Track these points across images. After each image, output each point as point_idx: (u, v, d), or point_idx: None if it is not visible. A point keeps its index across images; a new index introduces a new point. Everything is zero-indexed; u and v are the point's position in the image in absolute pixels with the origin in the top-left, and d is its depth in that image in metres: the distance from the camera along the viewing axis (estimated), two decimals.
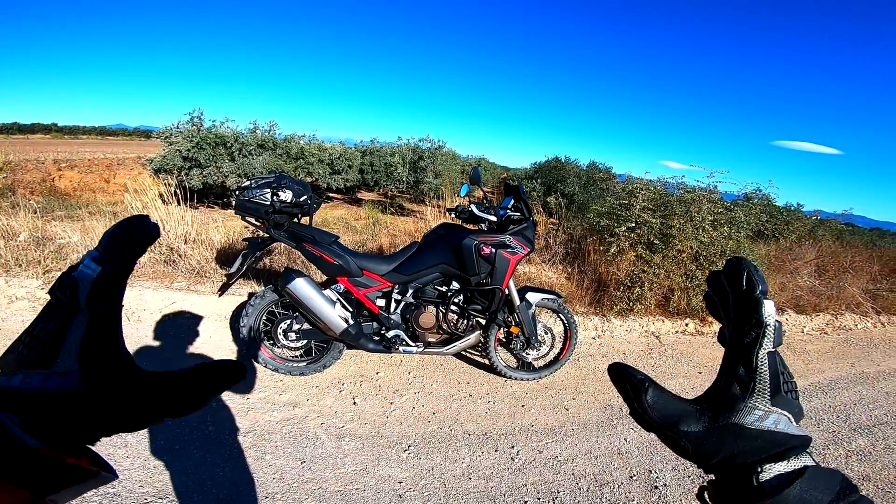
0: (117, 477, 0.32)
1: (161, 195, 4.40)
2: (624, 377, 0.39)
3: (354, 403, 2.70)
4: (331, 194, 12.17)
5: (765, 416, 0.34)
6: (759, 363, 0.35)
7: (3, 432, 0.26)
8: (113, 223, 0.35)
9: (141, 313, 3.34)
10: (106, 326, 0.33)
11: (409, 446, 2.38)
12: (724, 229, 4.43)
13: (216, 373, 0.36)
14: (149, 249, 2.88)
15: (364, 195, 13.54)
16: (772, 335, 0.36)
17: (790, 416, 0.36)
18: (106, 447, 2.07)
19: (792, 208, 9.22)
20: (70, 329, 0.31)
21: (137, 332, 3.15)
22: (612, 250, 4.45)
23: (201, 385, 0.35)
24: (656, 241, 4.35)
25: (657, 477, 2.35)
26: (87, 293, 0.31)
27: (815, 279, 6.06)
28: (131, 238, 0.34)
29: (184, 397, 0.34)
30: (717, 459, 0.36)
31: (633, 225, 4.44)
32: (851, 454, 2.75)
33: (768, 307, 0.36)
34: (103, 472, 0.31)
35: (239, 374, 0.36)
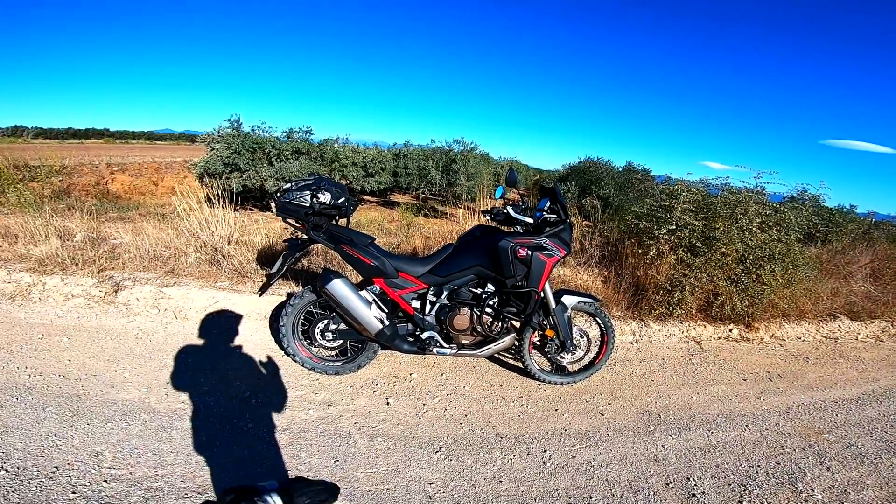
0: None
1: (207, 198, 4.57)
2: None
3: (388, 404, 2.73)
4: (364, 197, 12.36)
5: None
6: None
7: None
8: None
9: (187, 311, 3.49)
10: None
11: (440, 448, 2.39)
12: (773, 231, 4.25)
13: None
14: (195, 249, 3.00)
15: (397, 197, 13.69)
16: None
17: None
18: (152, 441, 2.18)
19: (844, 210, 8.75)
20: None
21: (184, 329, 3.29)
22: (651, 253, 4.34)
23: None
24: (698, 244, 4.21)
25: (695, 485, 2.28)
26: None
27: (870, 284, 5.74)
28: None
29: None
30: None
31: (674, 227, 4.31)
32: None
33: None
34: None
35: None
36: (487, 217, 3.09)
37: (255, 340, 3.25)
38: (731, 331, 4.28)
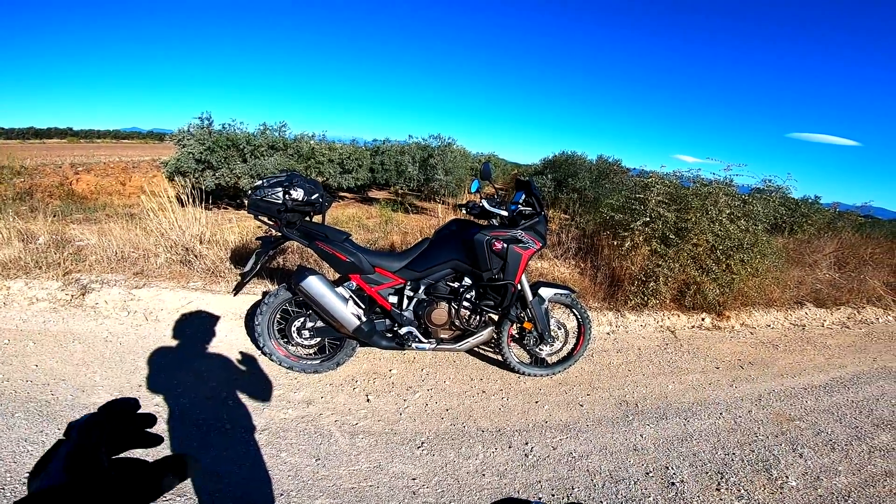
0: None
1: (177, 197, 4.45)
2: None
3: (368, 400, 2.71)
4: (342, 193, 12.24)
5: None
6: None
7: None
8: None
9: (159, 313, 3.39)
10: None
11: (422, 443, 2.39)
12: (742, 222, 4.36)
13: (172, 466, 0.43)
14: (165, 250, 2.92)
15: (375, 194, 13.60)
16: None
17: None
18: None
19: (810, 200, 9.05)
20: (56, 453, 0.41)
21: (156, 331, 3.19)
22: (626, 245, 4.41)
23: (149, 483, 0.42)
24: (671, 235, 4.29)
25: (674, 473, 2.32)
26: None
27: (834, 272, 5.94)
28: (104, 430, 0.44)
29: (144, 491, 0.41)
30: None
31: (648, 219, 4.39)
32: (875, 450, 2.70)
33: None
34: None
35: (181, 470, 0.44)
36: (463, 211, 3.09)
37: (230, 341, 3.18)
38: (703, 320, 4.38)
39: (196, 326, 3.29)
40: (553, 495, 2.12)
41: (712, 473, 2.35)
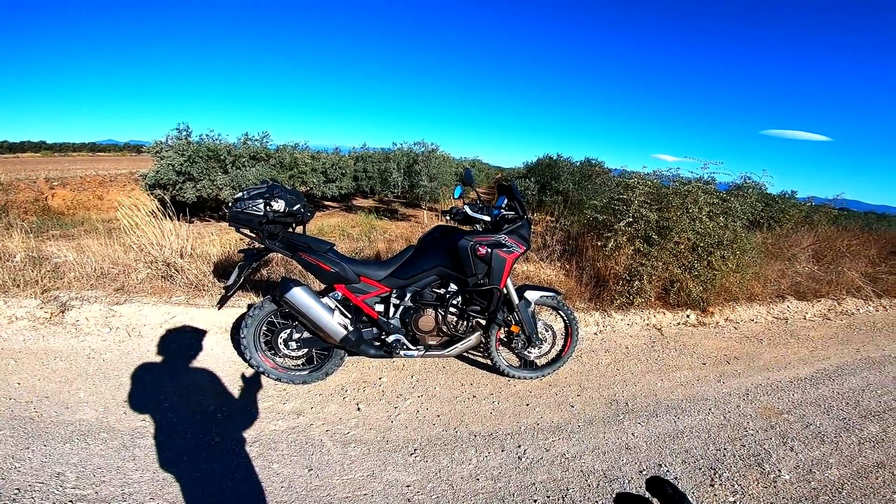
0: None
1: (157, 210, 4.38)
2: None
3: (359, 409, 2.68)
4: (326, 203, 12.17)
5: None
6: None
7: None
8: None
9: (142, 329, 3.33)
10: None
11: (415, 450, 2.37)
12: (721, 220, 4.44)
13: None
14: (146, 265, 2.85)
15: (359, 202, 13.54)
16: None
17: None
18: (115, 459, 2.09)
19: (786, 195, 9.25)
20: None
21: (139, 347, 3.13)
22: (610, 245, 4.46)
23: None
24: (654, 235, 4.35)
25: (667, 470, 2.34)
26: None
27: (813, 265, 6.08)
28: None
29: None
30: None
31: (631, 219, 4.45)
32: (864, 441, 2.74)
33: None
34: None
35: None
36: (447, 217, 3.09)
37: (216, 354, 3.13)
38: (688, 316, 4.44)
39: (181, 341, 3.24)
40: (548, 497, 2.12)
41: (705, 469, 2.38)
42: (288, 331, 2.81)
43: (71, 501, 1.87)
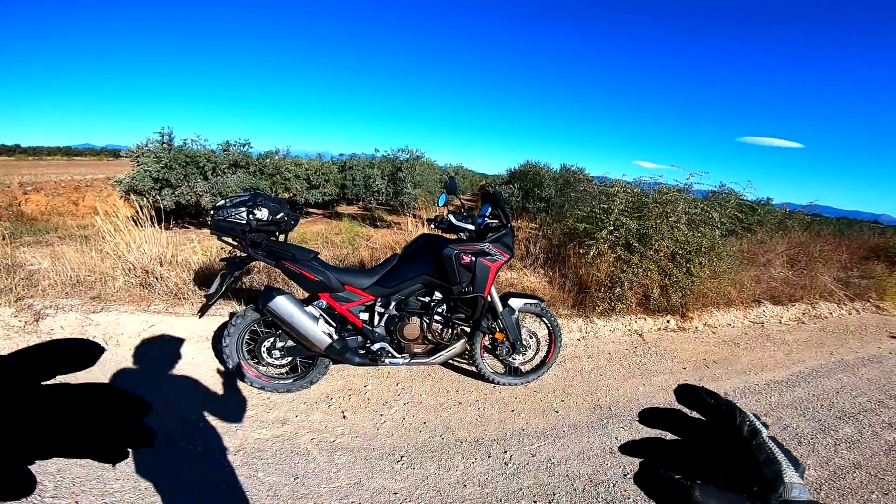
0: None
1: (133, 217, 4.30)
2: (661, 483, 0.39)
3: (344, 417, 2.67)
4: (309, 209, 12.08)
5: (801, 487, 0.37)
6: (771, 446, 0.38)
7: None
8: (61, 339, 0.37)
9: (119, 337, 3.25)
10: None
11: (401, 457, 2.37)
12: (701, 229, 4.55)
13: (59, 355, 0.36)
14: (123, 273, 2.79)
15: (343, 209, 13.48)
16: (759, 423, 0.39)
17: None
18: (95, 469, 2.04)
19: (762, 202, 9.48)
20: None
21: (117, 355, 3.06)
22: (592, 253, 4.52)
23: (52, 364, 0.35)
24: (634, 243, 4.43)
25: None
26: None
27: (787, 270, 6.25)
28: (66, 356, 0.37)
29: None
30: None
31: (612, 228, 4.52)
32: (840, 442, 2.82)
33: (741, 409, 0.40)
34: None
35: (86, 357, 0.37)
36: (431, 225, 3.11)
37: (197, 363, 3.08)
38: (668, 322, 4.52)
39: (160, 350, 3.18)
40: (536, 501, 2.13)
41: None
42: (271, 339, 2.78)
43: None
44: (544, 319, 3.22)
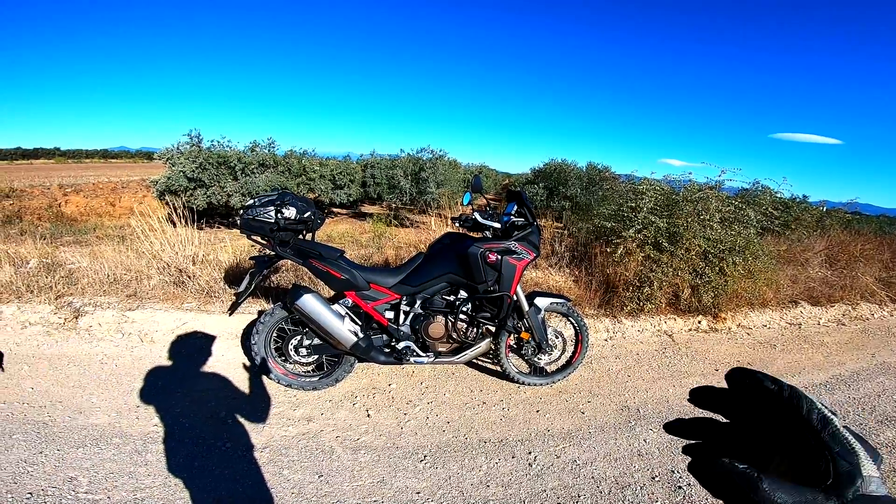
0: None
1: (169, 216, 4.43)
2: (723, 472, 0.36)
3: (368, 416, 2.69)
4: (334, 209, 12.22)
5: (879, 480, 0.34)
6: (846, 437, 0.35)
7: None
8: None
9: (154, 334, 3.36)
10: None
11: (425, 456, 2.37)
12: (735, 227, 4.41)
13: None
14: (158, 271, 2.86)
15: (367, 208, 13.60)
16: (828, 410, 0.36)
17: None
18: (128, 464, 2.10)
19: (797, 199, 9.14)
20: None
21: (151, 352, 3.16)
22: (619, 252, 4.44)
23: None
24: (664, 241, 4.33)
25: (680, 477, 2.32)
26: None
27: (826, 269, 6.01)
28: None
29: None
30: None
31: (640, 227, 4.43)
32: (881, 447, 2.69)
33: (807, 396, 0.36)
34: None
35: None
36: (456, 224, 3.10)
37: (227, 360, 3.16)
38: (700, 322, 4.40)
39: (192, 347, 3.27)
40: (559, 503, 2.11)
41: None
42: (298, 337, 2.82)
43: None
44: (571, 319, 3.18)
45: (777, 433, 0.36)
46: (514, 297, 2.89)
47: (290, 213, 2.65)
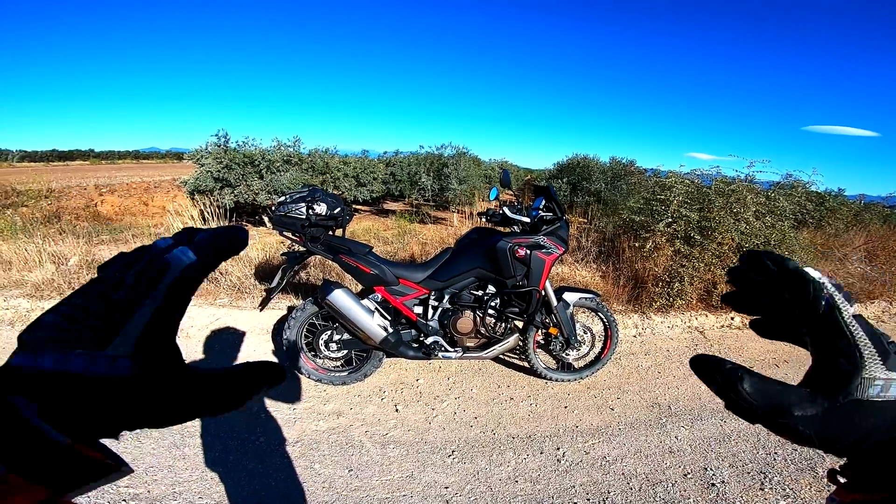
0: (132, 471, 0.30)
1: (201, 213, 4.54)
2: (711, 368, 0.34)
3: (397, 411, 2.71)
4: (357, 206, 12.33)
5: (887, 384, 0.30)
6: (853, 329, 0.31)
7: (23, 424, 0.23)
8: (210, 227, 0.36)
9: (189, 330, 3.45)
10: (174, 317, 0.31)
11: (453, 451, 2.38)
12: (768, 219, 4.29)
13: (257, 373, 0.34)
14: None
15: (390, 205, 13.67)
16: (841, 296, 0.32)
17: None
18: (166, 458, 2.16)
19: (834, 193, 8.84)
20: (136, 312, 0.28)
21: (186, 347, 3.25)
22: (648, 246, 4.36)
23: (243, 385, 0.33)
24: (695, 235, 4.24)
25: (713, 474, 2.28)
26: (173, 281, 0.30)
27: (865, 265, 5.79)
28: (231, 241, 0.33)
29: (224, 396, 0.32)
30: (849, 441, 0.30)
31: (671, 220, 4.34)
32: None
33: (815, 273, 0.33)
34: (123, 467, 0.28)
35: (279, 377, 0.34)
36: (483, 219, 3.09)
37: (258, 355, 3.22)
38: (732, 319, 4.29)
39: (225, 342, 3.35)
40: (589, 500, 2.09)
41: (754, 473, 2.30)
42: (328, 332, 2.86)
43: (124, 500, 1.95)
44: (599, 314, 3.14)
45: (793, 322, 0.34)
46: (543, 293, 2.88)
47: (320, 209, 2.68)
